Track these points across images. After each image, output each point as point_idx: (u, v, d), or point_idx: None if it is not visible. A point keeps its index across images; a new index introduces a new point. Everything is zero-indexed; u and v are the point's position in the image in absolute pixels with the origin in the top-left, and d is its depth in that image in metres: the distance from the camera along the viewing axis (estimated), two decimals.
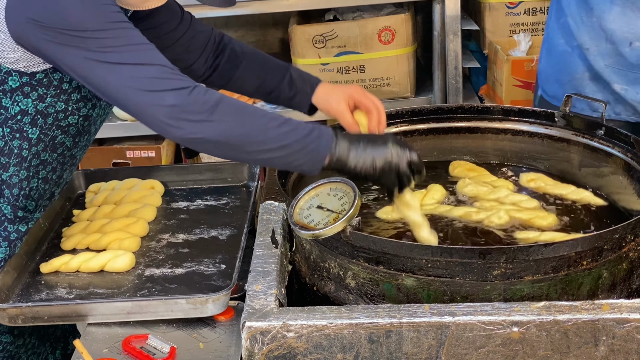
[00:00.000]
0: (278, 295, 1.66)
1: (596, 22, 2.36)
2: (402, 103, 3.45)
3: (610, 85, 2.39)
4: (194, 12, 3.30)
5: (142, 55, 1.65)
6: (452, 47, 3.32)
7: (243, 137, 1.64)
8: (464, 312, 1.55)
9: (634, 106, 2.41)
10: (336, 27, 3.39)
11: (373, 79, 3.43)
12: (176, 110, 1.60)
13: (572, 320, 1.53)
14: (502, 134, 2.18)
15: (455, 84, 3.36)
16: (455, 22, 3.28)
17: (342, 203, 1.70)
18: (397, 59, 3.40)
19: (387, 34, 3.37)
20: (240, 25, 4.17)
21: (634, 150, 1.95)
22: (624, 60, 2.36)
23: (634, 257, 1.70)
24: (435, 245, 1.69)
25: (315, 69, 3.42)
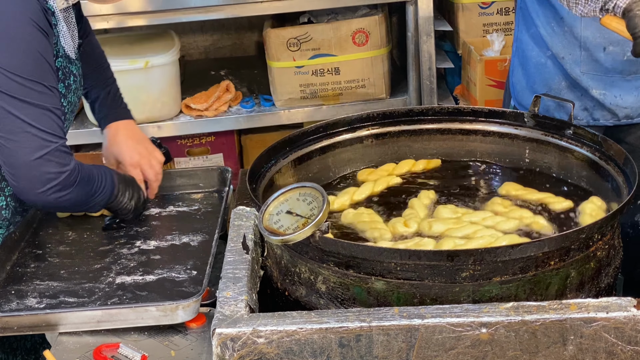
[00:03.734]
0: (249, 301, 1.66)
1: (568, 31, 2.36)
2: (377, 104, 3.45)
3: (588, 91, 2.40)
4: (169, 18, 3.33)
5: (50, 121, 1.84)
6: (426, 48, 3.33)
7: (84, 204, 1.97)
8: (433, 314, 1.56)
9: (612, 110, 2.42)
10: (310, 30, 3.39)
11: (348, 80, 3.44)
12: (53, 181, 1.84)
13: (540, 321, 1.54)
14: (472, 134, 2.19)
15: (430, 84, 3.37)
16: (428, 23, 3.29)
17: (311, 208, 1.70)
18: (371, 60, 3.40)
19: (361, 35, 3.37)
20: (215, 29, 4.17)
21: (602, 149, 1.96)
22: (599, 66, 2.37)
23: (601, 257, 1.71)
24: (404, 249, 1.70)
25: (290, 72, 3.43)
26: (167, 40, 3.52)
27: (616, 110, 2.41)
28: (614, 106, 2.41)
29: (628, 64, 2.34)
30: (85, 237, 2.09)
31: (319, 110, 3.49)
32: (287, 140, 2.10)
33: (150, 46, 3.49)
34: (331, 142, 2.17)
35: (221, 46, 4.20)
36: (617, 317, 1.53)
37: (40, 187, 1.82)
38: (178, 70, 3.49)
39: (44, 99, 1.80)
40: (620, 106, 2.41)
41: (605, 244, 1.72)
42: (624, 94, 2.39)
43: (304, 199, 1.73)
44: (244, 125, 3.57)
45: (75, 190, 1.88)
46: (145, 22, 3.38)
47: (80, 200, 1.92)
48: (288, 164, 2.09)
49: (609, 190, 1.92)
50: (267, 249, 1.88)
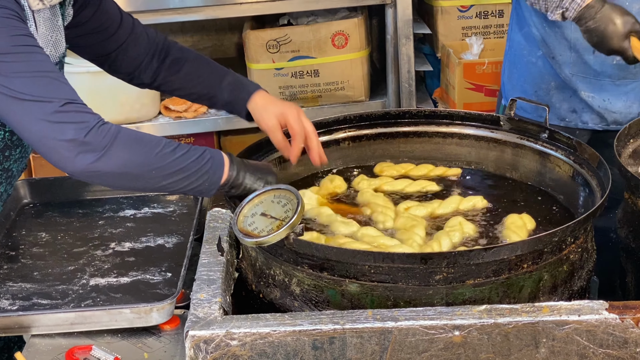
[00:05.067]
0: (222, 303, 1.66)
1: (559, 32, 2.38)
2: (356, 107, 3.46)
3: (577, 93, 2.42)
4: (148, 19, 3.32)
5: (47, 85, 1.65)
6: (405, 51, 3.33)
7: (142, 166, 1.65)
8: (406, 317, 1.56)
9: (600, 113, 2.43)
10: (290, 32, 3.39)
11: (327, 83, 3.44)
12: (75, 144, 1.60)
13: (512, 323, 1.55)
14: (449, 137, 2.19)
15: (409, 87, 3.38)
16: (407, 26, 3.30)
17: (285, 210, 1.70)
18: (350, 63, 3.41)
19: (341, 38, 3.38)
20: (196, 31, 4.16)
21: (577, 153, 1.97)
22: (588, 68, 2.38)
23: (574, 259, 1.72)
24: (377, 251, 1.70)
25: (270, 74, 3.43)
26: None
27: (605, 114, 2.42)
28: (602, 110, 2.42)
29: (617, 68, 2.36)
30: (59, 239, 2.08)
31: None
32: (264, 142, 2.10)
33: None
34: None
35: (201, 47, 4.18)
36: (589, 320, 1.54)
37: (66, 153, 1.60)
38: None
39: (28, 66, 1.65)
40: (609, 110, 2.42)
41: (578, 247, 1.73)
42: (612, 98, 2.40)
43: (278, 201, 1.73)
44: (223, 127, 3.56)
45: (113, 153, 1.61)
46: None
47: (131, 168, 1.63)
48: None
49: (582, 193, 1.93)
50: (242, 251, 1.88)
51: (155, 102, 3.49)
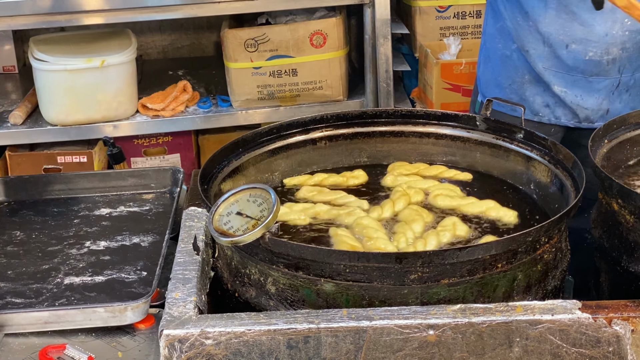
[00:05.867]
0: (198, 302, 1.66)
1: (532, 26, 2.40)
2: (335, 106, 3.47)
3: (550, 87, 2.44)
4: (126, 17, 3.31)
5: None
6: (383, 51, 3.34)
7: None
8: (381, 316, 1.57)
9: (573, 109, 2.45)
10: (268, 31, 3.39)
11: (305, 82, 3.44)
12: None
13: (486, 322, 1.55)
14: (425, 137, 2.20)
15: (387, 87, 3.39)
16: (385, 25, 3.31)
17: (261, 209, 1.70)
18: (329, 62, 3.41)
19: (319, 37, 3.38)
20: (174, 29, 4.16)
21: (552, 153, 1.98)
22: (561, 63, 2.40)
23: (548, 259, 1.73)
24: (352, 251, 1.70)
25: (248, 72, 3.43)
26: (124, 39, 3.50)
27: (577, 110, 2.45)
28: (574, 105, 2.44)
29: (590, 64, 2.38)
30: (33, 237, 2.06)
31: (277, 111, 3.49)
32: (239, 142, 2.10)
33: (107, 45, 3.46)
34: (284, 144, 2.17)
35: (179, 46, 4.18)
36: (562, 320, 1.55)
37: None
38: (135, 69, 3.47)
39: None
40: (581, 106, 2.44)
41: (553, 247, 1.74)
42: (584, 94, 2.43)
43: (254, 200, 1.72)
44: (200, 126, 3.56)
45: None
46: (102, 20, 3.36)
47: None
48: (241, 165, 2.08)
49: (558, 194, 1.94)
50: (218, 250, 1.87)
51: (132, 100, 3.48)
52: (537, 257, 1.70)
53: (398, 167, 2.16)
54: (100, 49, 3.41)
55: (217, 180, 2.00)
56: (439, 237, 1.81)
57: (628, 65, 2.43)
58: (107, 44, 3.46)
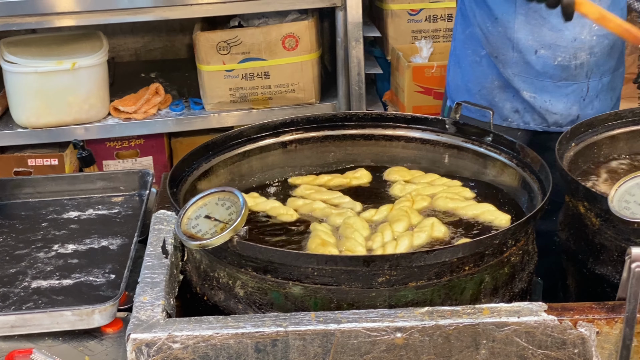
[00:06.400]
0: (166, 306, 1.65)
1: (502, 32, 2.41)
2: (307, 109, 3.47)
3: (519, 93, 2.45)
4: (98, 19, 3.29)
5: None
6: (355, 54, 3.35)
7: None
8: (349, 319, 1.57)
9: (542, 114, 2.47)
10: (240, 34, 3.39)
11: (278, 85, 3.44)
12: None
13: (453, 325, 1.56)
14: (395, 140, 2.21)
15: (359, 90, 3.40)
16: (357, 29, 3.32)
17: (229, 213, 1.70)
18: (301, 65, 3.41)
19: (291, 40, 3.38)
20: (147, 31, 4.14)
21: (520, 156, 2.00)
22: (530, 68, 2.42)
23: (515, 262, 1.74)
24: (321, 254, 1.70)
25: (220, 75, 3.42)
26: (95, 41, 3.48)
27: (546, 115, 2.47)
28: (543, 110, 2.46)
29: (559, 69, 2.40)
30: (0, 241, 2.05)
31: (249, 114, 3.49)
32: (209, 145, 2.09)
33: (78, 47, 3.45)
34: (255, 147, 2.17)
35: (152, 48, 4.17)
36: (527, 322, 1.56)
37: None
38: (106, 71, 3.46)
39: None
40: (550, 111, 2.46)
41: (519, 249, 1.75)
42: (553, 99, 2.45)
43: (222, 203, 1.72)
44: (173, 129, 3.55)
45: None
46: (73, 22, 3.35)
47: None
48: (211, 168, 2.08)
49: (525, 196, 1.96)
50: (187, 254, 1.87)
51: (104, 103, 3.46)
52: (504, 260, 1.71)
53: (396, 172, 2.14)
54: (71, 51, 3.39)
55: (186, 184, 1.99)
56: (413, 239, 1.81)
57: (595, 70, 2.45)
58: (78, 46, 3.44)
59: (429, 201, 1.97)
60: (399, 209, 1.93)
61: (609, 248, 1.80)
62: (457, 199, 1.97)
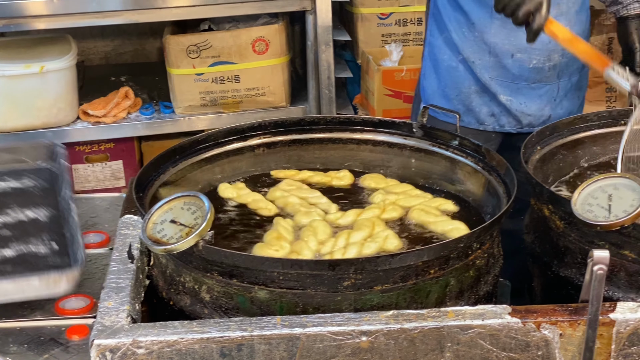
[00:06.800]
0: (131, 311, 1.64)
1: (479, 37, 2.43)
2: (277, 113, 3.47)
3: (496, 96, 2.47)
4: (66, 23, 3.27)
5: None
6: (325, 57, 3.36)
7: None
8: (314, 323, 1.57)
9: (517, 116, 2.49)
10: (210, 38, 3.38)
11: (248, 88, 3.44)
12: None
13: (418, 328, 1.57)
14: (363, 144, 2.21)
15: (329, 93, 3.40)
16: (327, 32, 3.32)
17: (195, 217, 1.69)
18: (271, 69, 3.41)
19: (261, 44, 3.38)
20: (116, 35, 4.12)
21: (485, 159, 2.01)
22: (507, 72, 2.44)
23: (480, 265, 1.75)
24: (286, 258, 1.71)
25: (190, 79, 3.41)
26: (64, 45, 3.46)
27: (521, 117, 2.50)
28: (519, 113, 2.49)
29: (534, 71, 2.43)
30: None
31: (220, 117, 3.48)
32: (177, 149, 2.09)
33: (46, 50, 3.42)
34: (222, 151, 2.17)
35: (122, 52, 4.15)
36: (492, 324, 1.57)
37: None
38: (75, 75, 3.43)
39: None
40: (525, 113, 2.49)
41: (485, 252, 1.76)
42: (528, 101, 2.48)
43: (188, 208, 1.72)
44: (143, 132, 3.54)
45: None
46: (42, 26, 3.32)
47: None
48: (178, 172, 2.08)
49: (492, 199, 1.97)
50: (154, 259, 1.86)
51: (73, 106, 3.44)
52: (469, 263, 1.72)
53: (371, 179, 2.14)
54: (40, 55, 3.37)
55: (153, 188, 1.99)
56: (362, 248, 1.81)
57: (565, 70, 2.49)
58: (46, 50, 3.42)
59: (400, 212, 1.96)
60: (365, 217, 1.93)
61: (572, 251, 1.81)
62: (433, 212, 1.94)
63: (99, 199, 2.31)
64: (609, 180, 1.70)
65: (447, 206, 2.00)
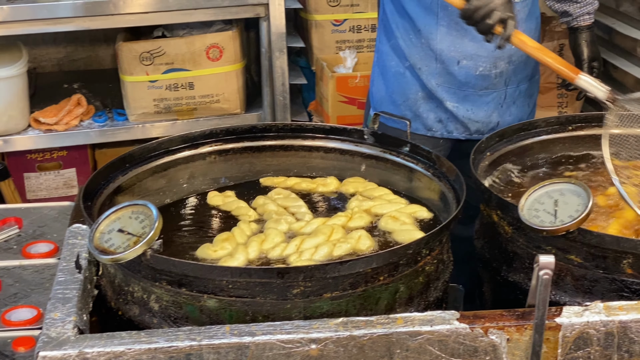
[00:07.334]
0: (78, 322, 1.62)
1: (425, 43, 2.44)
2: (232, 120, 3.46)
3: (443, 103, 2.48)
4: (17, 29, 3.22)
5: None
6: (279, 64, 3.35)
7: None
8: (263, 331, 1.56)
9: (464, 123, 2.51)
10: (163, 44, 3.36)
11: (202, 95, 3.42)
12: None
13: (367, 335, 1.57)
14: (314, 151, 2.21)
15: (283, 100, 3.40)
16: (280, 39, 3.32)
17: (143, 226, 1.68)
18: (225, 75, 3.40)
19: (215, 50, 3.37)
20: (69, 41, 4.08)
21: (435, 165, 2.02)
22: (453, 79, 2.45)
23: (430, 271, 1.76)
24: (235, 267, 1.70)
25: (144, 86, 3.38)
26: (14, 52, 3.42)
27: (468, 123, 2.51)
28: (466, 119, 2.50)
29: (480, 78, 2.44)
30: None
31: (174, 125, 3.46)
32: (127, 157, 2.07)
33: None
34: (173, 159, 2.15)
35: (75, 59, 4.10)
36: (440, 330, 1.57)
37: None
38: (26, 82, 3.39)
39: None
40: (472, 120, 2.50)
41: (434, 258, 1.77)
42: (475, 108, 2.49)
43: (136, 217, 1.70)
44: (96, 140, 3.50)
45: None
46: None
47: None
48: (128, 180, 2.06)
49: (442, 205, 1.98)
50: (102, 268, 1.84)
51: (24, 114, 3.39)
52: (418, 269, 1.73)
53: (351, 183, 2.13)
54: None
55: (102, 197, 1.97)
56: (332, 250, 1.81)
57: (513, 78, 2.51)
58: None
59: (367, 220, 1.95)
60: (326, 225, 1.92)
61: (521, 256, 1.83)
62: (403, 220, 1.92)
63: (47, 208, 2.28)
64: (555, 186, 1.72)
65: (421, 213, 1.98)
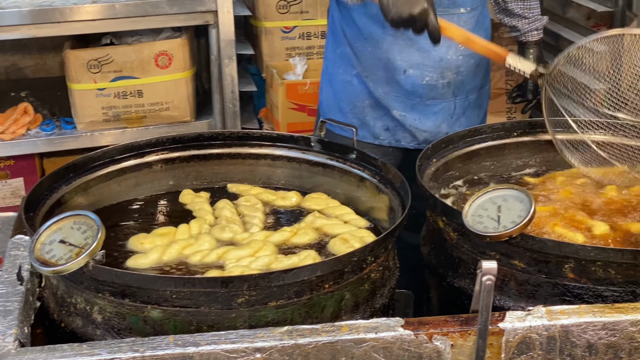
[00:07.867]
0: (19, 335, 1.60)
1: (372, 52, 2.44)
2: (182, 127, 3.44)
3: (389, 111, 2.48)
4: None
5: None
6: (228, 71, 3.34)
7: None
8: (208, 341, 1.55)
9: (412, 132, 2.50)
10: (112, 52, 3.33)
11: (151, 103, 3.40)
12: None
13: (312, 343, 1.56)
14: (262, 159, 2.20)
15: (233, 107, 3.39)
16: (230, 46, 3.31)
17: (85, 237, 1.65)
18: (175, 83, 3.38)
19: (164, 58, 3.35)
20: (16, 49, 4.02)
21: (382, 173, 2.02)
22: (400, 88, 2.45)
23: (375, 278, 1.76)
24: (178, 276, 1.68)
25: (92, 94, 3.35)
26: None
27: (416, 133, 2.51)
28: (413, 129, 2.50)
29: (427, 88, 2.44)
30: None
31: (123, 133, 3.43)
32: (70, 167, 2.05)
33: None
34: (119, 168, 2.13)
35: (23, 66, 4.05)
36: (385, 337, 1.57)
37: None
38: None
39: None
40: (420, 129, 2.50)
41: (380, 265, 1.77)
42: (422, 117, 2.49)
43: (78, 227, 1.68)
44: (43, 149, 3.46)
45: None
46: None
47: None
48: (72, 190, 2.03)
49: (388, 212, 1.98)
50: (45, 280, 1.82)
51: None
52: (364, 277, 1.73)
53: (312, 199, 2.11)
54: None
55: (45, 207, 1.94)
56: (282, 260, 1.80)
57: (462, 88, 2.51)
58: None
59: (313, 237, 1.93)
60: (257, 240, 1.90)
61: (466, 261, 1.84)
62: (351, 243, 1.86)
63: None
64: (498, 192, 1.73)
65: (370, 238, 1.90)
